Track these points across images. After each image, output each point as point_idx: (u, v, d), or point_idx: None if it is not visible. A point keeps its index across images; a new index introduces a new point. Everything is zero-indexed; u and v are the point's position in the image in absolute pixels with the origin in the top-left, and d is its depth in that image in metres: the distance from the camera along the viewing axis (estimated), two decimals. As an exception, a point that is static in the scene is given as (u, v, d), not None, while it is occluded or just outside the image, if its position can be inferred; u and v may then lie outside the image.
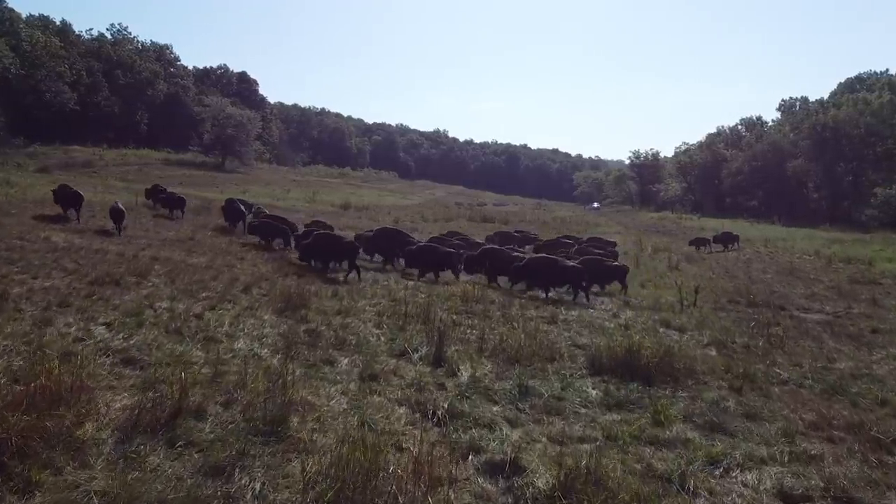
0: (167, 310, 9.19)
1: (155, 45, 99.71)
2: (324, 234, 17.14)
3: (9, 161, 59.46)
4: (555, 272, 15.47)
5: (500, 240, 27.08)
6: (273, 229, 19.67)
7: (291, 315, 9.88)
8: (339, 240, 16.65)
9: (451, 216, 52.45)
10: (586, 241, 27.99)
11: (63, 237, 15.21)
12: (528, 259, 16.28)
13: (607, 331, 11.03)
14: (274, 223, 20.17)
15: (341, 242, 16.38)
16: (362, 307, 11.26)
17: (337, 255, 16.13)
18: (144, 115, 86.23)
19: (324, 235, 17.02)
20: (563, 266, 15.52)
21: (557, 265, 15.57)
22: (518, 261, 16.51)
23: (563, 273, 15.39)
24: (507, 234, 30.01)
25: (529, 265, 15.81)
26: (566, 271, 15.41)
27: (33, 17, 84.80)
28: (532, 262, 16.03)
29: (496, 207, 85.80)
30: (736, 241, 36.45)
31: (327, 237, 16.92)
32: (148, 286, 11.08)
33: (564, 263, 15.69)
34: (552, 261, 15.94)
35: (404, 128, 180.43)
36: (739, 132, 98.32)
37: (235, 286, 12.04)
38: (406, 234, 19.48)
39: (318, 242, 16.34)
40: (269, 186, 66.58)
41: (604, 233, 46.89)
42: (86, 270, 11.61)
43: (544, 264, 15.83)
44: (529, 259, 16.26)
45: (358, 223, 37.19)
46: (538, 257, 16.66)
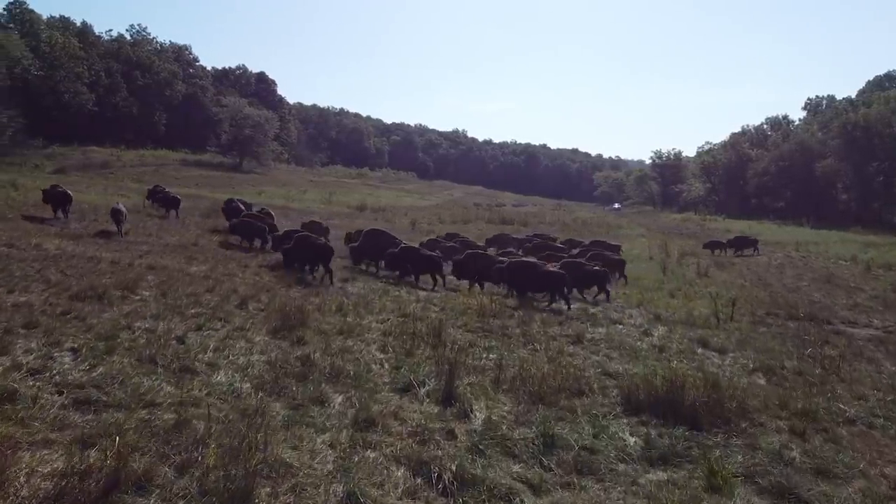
0: (147, 331, 8.21)
1: (174, 45, 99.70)
2: (301, 237, 16.59)
3: (27, 162, 59.43)
4: (534, 277, 14.83)
5: (499, 242, 26.06)
6: (252, 229, 19.29)
7: (287, 335, 8.86)
8: (312, 242, 16.02)
9: (469, 218, 51.23)
10: (589, 244, 27.15)
11: (56, 244, 14.36)
12: (509, 263, 15.60)
13: (640, 353, 9.89)
14: (252, 222, 19.73)
15: (315, 245, 15.79)
16: (367, 325, 10.22)
17: (312, 258, 15.65)
18: (162, 115, 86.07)
19: (301, 238, 16.43)
20: (543, 271, 14.89)
21: (537, 270, 14.94)
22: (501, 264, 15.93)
23: (543, 278, 14.77)
24: (507, 236, 29.16)
25: (510, 269, 15.15)
26: (546, 276, 14.77)
27: (54, 19, 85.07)
28: (512, 265, 15.32)
29: (515, 208, 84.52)
30: (753, 245, 34.20)
31: (303, 239, 16.28)
32: (134, 300, 10.13)
33: (544, 268, 15.07)
34: (532, 265, 15.28)
35: (423, 128, 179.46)
36: (764, 131, 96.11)
37: (231, 300, 11.05)
38: (392, 235, 18.82)
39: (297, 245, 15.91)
40: (286, 187, 65.96)
41: (626, 235, 45.54)
42: (70, 282, 10.70)
43: (524, 268, 15.15)
44: (510, 263, 15.57)
45: (374, 226, 36.23)
46: (518, 261, 15.95)
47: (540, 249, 22.81)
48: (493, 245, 26.01)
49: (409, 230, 33.54)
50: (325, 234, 23.13)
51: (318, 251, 15.60)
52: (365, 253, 17.81)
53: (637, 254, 30.39)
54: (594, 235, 43.54)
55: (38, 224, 17.21)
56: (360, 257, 17.79)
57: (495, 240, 27.44)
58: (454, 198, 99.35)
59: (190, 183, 58.97)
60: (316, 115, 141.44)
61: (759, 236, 47.63)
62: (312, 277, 15.41)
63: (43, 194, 19.47)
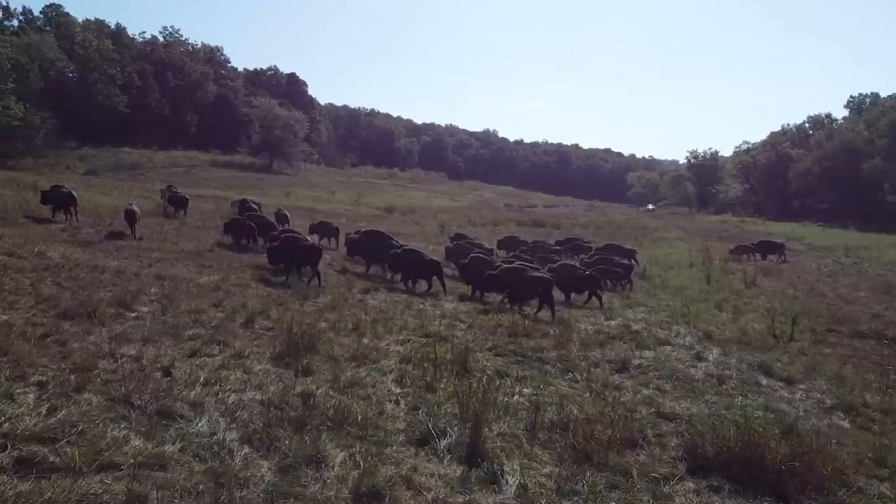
0: (131, 359, 7.20)
1: (206, 46, 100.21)
2: (288, 237, 16.15)
3: (59, 163, 59.80)
4: (520, 282, 14.08)
5: (509, 245, 24.90)
6: (241, 227, 19.17)
7: (292, 363, 7.80)
8: (299, 242, 15.62)
9: (499, 220, 49.86)
10: (602, 247, 26.35)
11: (62, 251, 13.54)
12: (500, 269, 14.87)
13: (696, 386, 8.61)
14: (241, 221, 19.58)
15: (300, 245, 15.39)
16: (385, 348, 9.10)
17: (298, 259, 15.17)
18: (194, 116, 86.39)
19: (288, 237, 15.99)
20: (528, 276, 14.14)
21: (523, 275, 14.20)
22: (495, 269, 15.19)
23: (529, 283, 14.03)
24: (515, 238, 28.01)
25: (499, 275, 14.45)
26: (532, 282, 14.03)
27: (89, 21, 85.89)
28: (502, 272, 14.59)
29: (546, 209, 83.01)
30: (780, 251, 31.98)
31: (290, 239, 15.81)
32: (129, 319, 9.17)
33: (531, 273, 14.33)
34: (518, 270, 14.55)
35: (453, 128, 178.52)
36: (806, 130, 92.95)
37: (237, 317, 10.04)
38: (389, 237, 18.37)
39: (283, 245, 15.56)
40: (315, 188, 65.43)
41: (663, 238, 43.81)
42: (63, 297, 9.79)
43: (511, 274, 14.39)
44: (500, 269, 14.81)
45: (401, 229, 35.23)
46: (507, 267, 15.12)
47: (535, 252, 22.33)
48: (503, 248, 24.89)
49: (437, 232, 32.38)
50: (336, 236, 22.41)
51: (304, 252, 15.08)
52: (360, 250, 17.74)
53: (677, 259, 28.84)
54: (629, 238, 41.90)
55: (48, 229, 16.48)
56: (354, 252, 17.85)
57: (505, 243, 26.37)
58: (484, 199, 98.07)
59: (219, 184, 58.72)
60: (347, 116, 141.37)
61: (803, 239, 45.68)
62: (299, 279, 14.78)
63: (42, 195, 18.72)
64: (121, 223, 18.75)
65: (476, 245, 20.46)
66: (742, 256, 30.54)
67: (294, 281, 14.36)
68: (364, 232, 18.90)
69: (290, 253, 15.21)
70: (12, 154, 55.00)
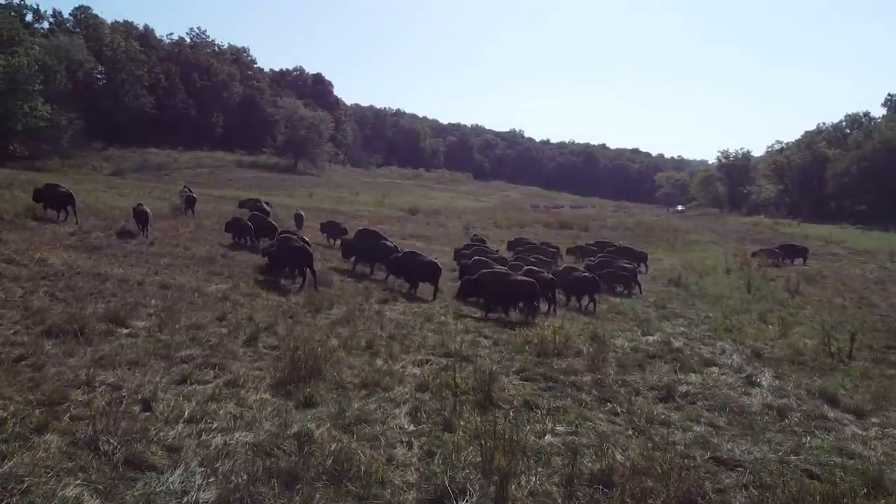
0: (110, 388, 6.36)
1: (232, 47, 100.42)
2: (283, 238, 15.71)
3: (86, 164, 59.99)
4: (504, 287, 13.41)
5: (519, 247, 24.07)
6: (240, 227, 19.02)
7: (294, 391, 6.91)
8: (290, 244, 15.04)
9: (525, 221, 48.72)
10: (613, 250, 25.71)
11: (64, 257, 12.84)
12: (480, 273, 14.23)
13: (754, 420, 7.53)
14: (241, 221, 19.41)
15: (292, 247, 14.82)
16: (400, 371, 8.16)
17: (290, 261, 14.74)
18: (220, 117, 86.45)
19: (282, 239, 15.55)
20: (513, 280, 13.54)
21: (507, 279, 13.57)
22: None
23: (514, 288, 13.40)
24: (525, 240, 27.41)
25: (480, 279, 13.78)
26: (517, 286, 13.40)
27: (118, 23, 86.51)
28: (483, 276, 13.92)
29: (573, 210, 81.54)
30: (803, 255, 30.57)
31: (283, 241, 15.35)
32: (120, 336, 8.36)
33: (515, 277, 13.71)
34: (502, 275, 13.91)
35: (479, 128, 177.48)
36: (843, 129, 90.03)
37: (241, 333, 9.19)
38: (382, 237, 18.06)
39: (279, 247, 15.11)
40: (339, 189, 64.87)
41: (696, 241, 42.30)
42: (54, 310, 9.01)
43: (494, 278, 13.69)
44: (481, 273, 14.18)
45: (425, 231, 34.32)
46: (489, 271, 14.46)
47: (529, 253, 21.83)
48: (514, 249, 23.96)
49: (462, 234, 31.43)
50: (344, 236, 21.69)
51: (296, 254, 14.57)
52: (355, 250, 17.51)
53: (712, 265, 27.51)
54: (661, 241, 40.62)
55: (57, 233, 15.83)
56: (349, 254, 17.65)
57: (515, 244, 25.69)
58: (510, 199, 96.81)
59: (243, 185, 58.42)
60: (372, 116, 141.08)
61: (843, 243, 43.67)
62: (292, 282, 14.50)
63: (34, 193, 18.13)
64: (133, 225, 18.15)
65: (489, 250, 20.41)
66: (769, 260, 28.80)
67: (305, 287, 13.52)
68: (358, 231, 18.58)
69: (280, 253, 14.85)
70: (39, 155, 55.30)
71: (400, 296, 14.49)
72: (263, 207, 23.74)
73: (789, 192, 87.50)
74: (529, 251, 22.47)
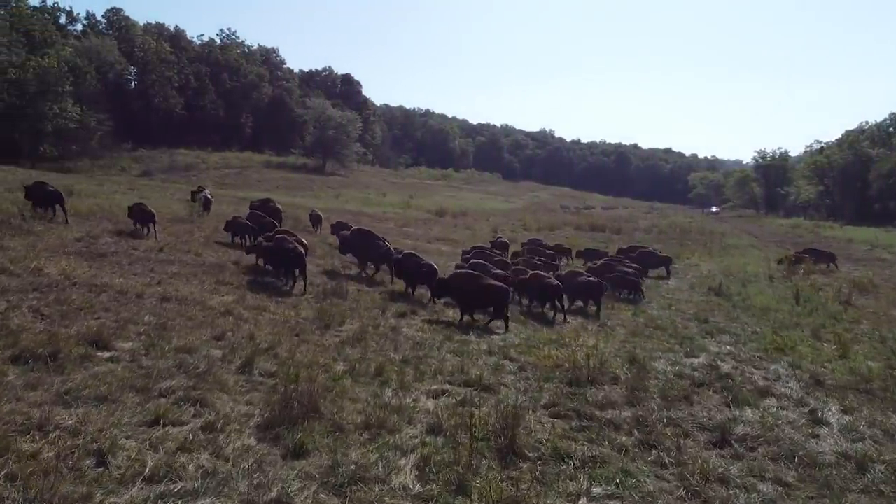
0: (67, 433, 5.43)
1: (262, 48, 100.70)
2: (279, 238, 15.24)
3: (115, 165, 60.28)
4: (474, 290, 12.71)
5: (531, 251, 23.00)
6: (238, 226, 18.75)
7: (285, 434, 5.92)
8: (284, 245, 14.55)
9: (555, 223, 47.29)
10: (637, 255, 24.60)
11: (62, 266, 12.05)
12: (452, 274, 13.84)
13: (829, 475, 6.31)
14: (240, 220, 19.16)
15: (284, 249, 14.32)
16: (411, 406, 7.12)
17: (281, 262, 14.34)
18: (249, 117, 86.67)
19: (278, 239, 15.11)
20: (484, 284, 12.80)
21: (478, 282, 12.85)
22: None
23: (484, 292, 12.66)
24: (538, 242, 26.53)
25: (450, 281, 13.30)
26: (487, 290, 12.66)
27: (150, 25, 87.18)
28: (452, 277, 13.50)
29: (605, 211, 79.86)
30: (831, 260, 28.52)
31: (279, 241, 14.90)
32: (100, 361, 7.47)
33: (486, 281, 12.97)
34: (473, 277, 13.21)
35: (509, 128, 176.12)
36: (886, 128, 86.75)
37: (236, 356, 8.24)
38: (377, 236, 17.77)
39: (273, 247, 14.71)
40: (366, 190, 64.20)
41: (734, 245, 40.48)
42: (33, 330, 8.17)
43: (465, 280, 13.08)
44: (452, 274, 13.77)
45: (451, 234, 33.27)
46: (459, 272, 14.00)
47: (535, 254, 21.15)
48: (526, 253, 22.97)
49: (489, 238, 30.23)
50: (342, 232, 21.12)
51: (287, 255, 14.13)
52: (351, 248, 17.39)
53: (753, 271, 25.99)
54: (695, 244, 38.95)
55: (63, 238, 15.11)
56: (346, 251, 17.56)
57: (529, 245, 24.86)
58: (540, 200, 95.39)
59: (270, 185, 58.13)
60: (401, 116, 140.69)
61: (892, 248, 41.48)
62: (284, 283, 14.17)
63: (25, 191, 17.83)
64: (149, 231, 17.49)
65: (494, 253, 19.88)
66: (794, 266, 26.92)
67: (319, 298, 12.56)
68: (355, 230, 18.35)
69: (271, 253, 14.53)
70: (69, 156, 55.62)
71: (420, 308, 13.47)
72: (277, 208, 23.28)
73: (830, 194, 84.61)
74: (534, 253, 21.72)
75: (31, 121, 50.52)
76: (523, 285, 15.32)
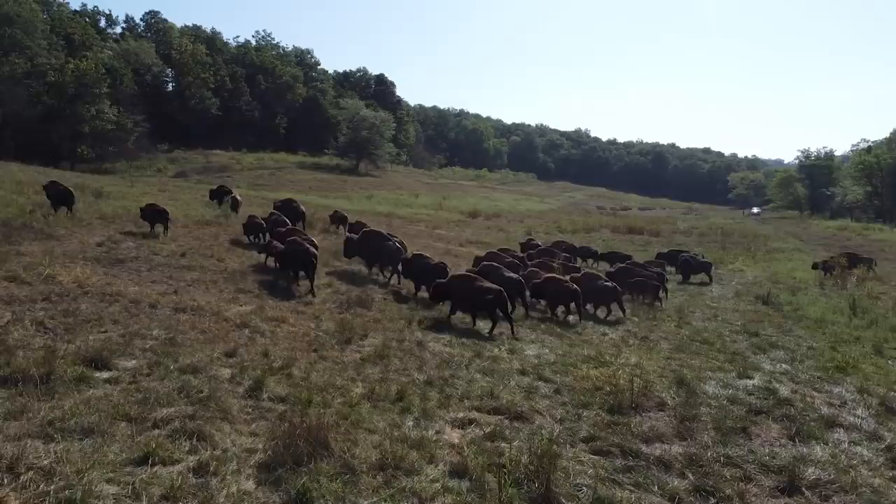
0: (39, 475, 4.79)
1: (297, 49, 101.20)
2: (292, 239, 15.07)
3: (151, 166, 60.89)
4: (468, 293, 12.53)
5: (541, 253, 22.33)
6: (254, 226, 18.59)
7: (288, 475, 5.20)
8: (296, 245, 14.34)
9: (591, 225, 46.06)
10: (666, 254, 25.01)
11: (76, 273, 11.55)
12: (450, 278, 13.48)
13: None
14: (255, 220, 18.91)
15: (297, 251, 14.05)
16: (433, 440, 6.36)
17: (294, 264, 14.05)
18: (283, 118, 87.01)
19: (291, 240, 14.92)
20: (479, 286, 12.56)
21: (473, 285, 12.65)
22: None
23: (479, 295, 12.39)
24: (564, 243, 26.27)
25: (447, 284, 13.01)
26: (482, 293, 12.38)
27: (187, 28, 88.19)
28: (452, 281, 13.18)
29: (642, 213, 78.27)
30: (868, 264, 27.04)
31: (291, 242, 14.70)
32: (97, 383, 6.87)
33: (482, 284, 12.70)
34: (469, 279, 13.02)
35: (544, 128, 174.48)
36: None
37: (245, 377, 7.59)
38: (385, 237, 17.29)
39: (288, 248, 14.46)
40: (399, 191, 63.75)
41: (779, 249, 38.77)
42: (31, 346, 7.63)
43: (461, 283, 12.88)
44: (450, 278, 13.43)
45: (484, 237, 32.46)
46: (456, 275, 13.69)
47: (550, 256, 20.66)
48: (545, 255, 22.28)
49: (524, 240, 29.30)
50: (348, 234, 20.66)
51: (298, 257, 13.91)
52: (357, 250, 16.86)
53: (802, 277, 24.63)
54: (738, 247, 37.46)
55: (85, 243, 14.73)
56: (351, 253, 16.94)
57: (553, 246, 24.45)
58: (575, 201, 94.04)
59: (303, 186, 57.98)
60: (435, 117, 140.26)
61: (948, 253, 39.32)
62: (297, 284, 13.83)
63: (45, 189, 18.29)
64: (173, 234, 17.10)
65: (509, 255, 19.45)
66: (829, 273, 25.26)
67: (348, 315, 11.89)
68: (363, 232, 17.86)
69: (281, 255, 14.30)
70: (106, 157, 56.26)
71: (446, 321, 12.70)
72: (300, 209, 22.98)
73: (878, 195, 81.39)
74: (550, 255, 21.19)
75: (69, 123, 51.19)
76: (537, 289, 14.85)
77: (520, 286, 14.14)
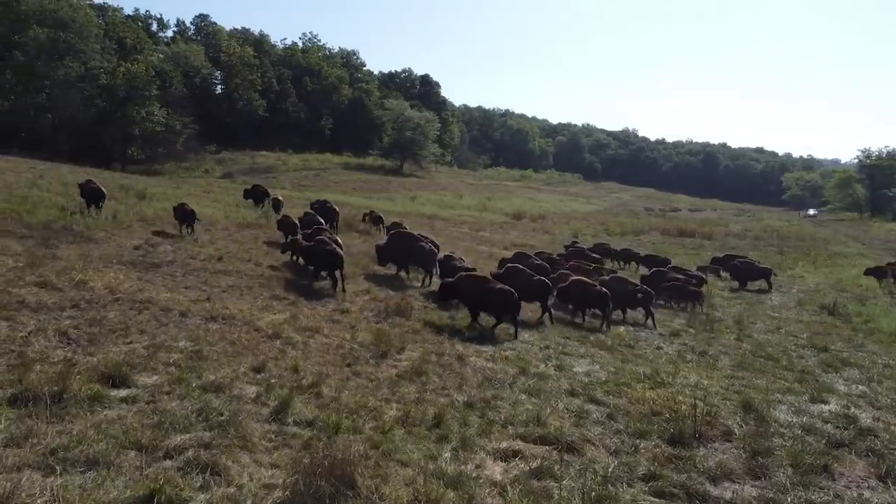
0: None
1: (342, 51, 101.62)
2: (319, 238, 15.01)
3: (199, 167, 61.71)
4: (477, 294, 12.33)
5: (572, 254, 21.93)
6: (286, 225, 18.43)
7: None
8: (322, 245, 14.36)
9: (639, 227, 44.73)
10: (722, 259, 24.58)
11: (110, 278, 11.26)
12: (457, 277, 13.24)
13: None
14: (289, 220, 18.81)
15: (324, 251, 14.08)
16: (473, 476, 5.68)
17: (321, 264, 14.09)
18: (329, 119, 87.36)
19: (318, 239, 14.87)
20: (488, 287, 12.38)
21: (483, 286, 12.46)
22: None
23: (488, 296, 12.22)
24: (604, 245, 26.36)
25: (457, 285, 12.78)
26: (491, 294, 12.20)
27: (235, 30, 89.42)
28: (460, 280, 12.93)
29: (692, 214, 76.04)
30: None
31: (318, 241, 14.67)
32: (113, 402, 6.41)
33: (493, 285, 12.51)
34: (479, 280, 12.86)
35: (590, 127, 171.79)
36: None
37: (271, 397, 7.05)
38: (416, 237, 17.04)
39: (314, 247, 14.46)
40: (443, 192, 63.17)
41: (840, 253, 36.70)
42: (51, 359, 7.24)
43: (471, 284, 12.66)
44: (458, 277, 13.18)
45: (529, 239, 31.60)
46: (465, 275, 13.38)
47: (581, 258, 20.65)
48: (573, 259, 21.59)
49: (569, 243, 28.38)
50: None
51: (326, 257, 13.94)
52: (389, 255, 16.54)
53: (869, 285, 23.10)
54: (796, 251, 35.73)
55: (122, 246, 14.51)
56: (385, 260, 16.61)
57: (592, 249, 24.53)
58: (622, 201, 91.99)
59: (347, 187, 57.89)
60: (480, 117, 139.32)
61: None
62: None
63: (79, 188, 18.56)
64: (201, 236, 16.81)
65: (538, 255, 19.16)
66: (882, 280, 23.46)
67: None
68: (392, 234, 17.60)
69: (309, 254, 14.34)
70: (156, 159, 57.22)
71: (488, 331, 12.01)
72: (333, 208, 23.11)
73: (946, 196, 77.35)
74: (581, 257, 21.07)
75: (120, 125, 52.15)
76: (563, 292, 14.52)
77: (542, 289, 13.76)
